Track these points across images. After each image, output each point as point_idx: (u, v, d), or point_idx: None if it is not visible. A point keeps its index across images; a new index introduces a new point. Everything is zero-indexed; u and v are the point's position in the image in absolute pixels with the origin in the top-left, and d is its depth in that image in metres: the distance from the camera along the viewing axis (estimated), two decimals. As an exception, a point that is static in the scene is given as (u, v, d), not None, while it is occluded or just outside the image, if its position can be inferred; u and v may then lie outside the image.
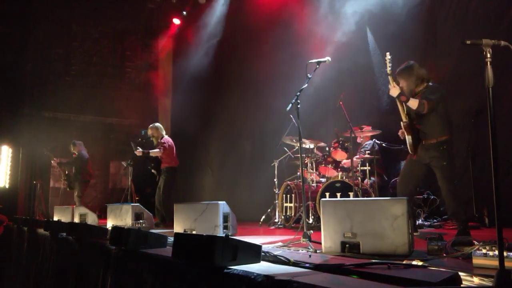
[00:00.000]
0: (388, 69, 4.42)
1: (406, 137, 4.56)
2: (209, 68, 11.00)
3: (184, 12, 12.13)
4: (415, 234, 4.37)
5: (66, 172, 9.65)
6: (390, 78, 4.44)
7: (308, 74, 4.31)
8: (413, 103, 4.31)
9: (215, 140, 11.30)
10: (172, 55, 13.20)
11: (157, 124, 7.89)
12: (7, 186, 11.39)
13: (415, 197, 5.73)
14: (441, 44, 6.67)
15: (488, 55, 1.99)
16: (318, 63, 4.40)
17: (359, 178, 6.08)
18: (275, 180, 7.27)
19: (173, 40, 12.89)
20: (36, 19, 11.82)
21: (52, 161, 9.70)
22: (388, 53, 4.43)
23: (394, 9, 7.03)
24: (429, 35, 6.82)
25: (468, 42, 2.06)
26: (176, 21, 12.41)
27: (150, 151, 7.44)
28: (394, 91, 4.39)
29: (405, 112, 4.51)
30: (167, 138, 7.73)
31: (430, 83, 4.50)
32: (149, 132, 7.77)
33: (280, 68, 9.02)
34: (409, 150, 4.62)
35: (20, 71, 11.50)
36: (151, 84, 13.14)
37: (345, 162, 6.61)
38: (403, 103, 4.43)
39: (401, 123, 4.55)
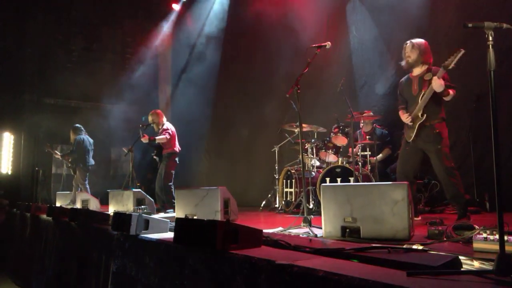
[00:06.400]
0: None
1: (410, 123, 4.55)
2: (209, 54, 10.95)
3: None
4: (416, 219, 4.39)
5: (70, 160, 9.59)
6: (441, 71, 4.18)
7: (309, 59, 4.28)
8: (451, 95, 4.30)
9: (214, 126, 11.31)
10: (172, 41, 13.13)
11: (158, 110, 7.86)
12: (9, 173, 11.43)
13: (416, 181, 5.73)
14: (442, 29, 6.61)
15: (490, 38, 1.96)
16: (319, 47, 4.36)
17: (360, 163, 6.08)
18: (275, 165, 7.28)
19: (173, 25, 12.80)
20: (36, 5, 11.72)
21: (56, 156, 9.61)
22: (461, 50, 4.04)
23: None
24: (431, 20, 6.76)
25: (470, 25, 2.04)
26: (176, 6, 12.31)
27: (156, 137, 7.42)
28: (440, 86, 4.22)
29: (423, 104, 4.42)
30: (169, 124, 7.71)
31: (432, 68, 4.49)
32: (150, 118, 7.74)
33: (281, 53, 8.98)
34: (407, 134, 4.62)
35: (20, 58, 11.45)
36: (151, 70, 13.07)
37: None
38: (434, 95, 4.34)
39: (419, 114, 4.45)
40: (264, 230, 2.86)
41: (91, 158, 9.28)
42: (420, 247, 2.65)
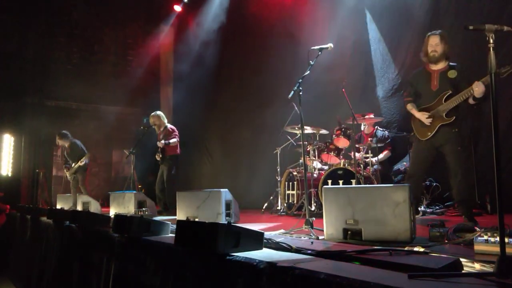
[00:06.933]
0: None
1: (426, 120, 4.40)
2: (210, 55, 10.95)
3: (185, -1, 12.07)
4: (416, 216, 4.34)
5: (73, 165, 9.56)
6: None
7: (310, 61, 4.28)
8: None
9: (215, 128, 11.31)
10: (173, 42, 13.14)
11: (159, 112, 7.85)
12: (9, 175, 11.43)
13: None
14: (444, 30, 6.60)
15: (491, 41, 1.96)
16: (320, 49, 4.36)
17: (361, 165, 6.07)
18: (277, 167, 7.27)
19: (174, 27, 12.82)
20: (37, 7, 11.76)
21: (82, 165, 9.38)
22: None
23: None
24: (433, 22, 6.76)
25: (471, 27, 2.04)
26: (177, 8, 12.32)
27: (170, 141, 7.42)
28: (482, 92, 4.08)
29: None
30: (173, 127, 7.71)
31: (450, 63, 4.43)
32: (151, 120, 7.75)
33: (282, 55, 8.97)
34: (421, 132, 4.53)
35: (22, 60, 11.48)
36: (153, 72, 13.09)
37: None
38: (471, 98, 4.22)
39: (443, 115, 4.33)
40: (266, 233, 2.86)
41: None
42: (422, 249, 2.65)
